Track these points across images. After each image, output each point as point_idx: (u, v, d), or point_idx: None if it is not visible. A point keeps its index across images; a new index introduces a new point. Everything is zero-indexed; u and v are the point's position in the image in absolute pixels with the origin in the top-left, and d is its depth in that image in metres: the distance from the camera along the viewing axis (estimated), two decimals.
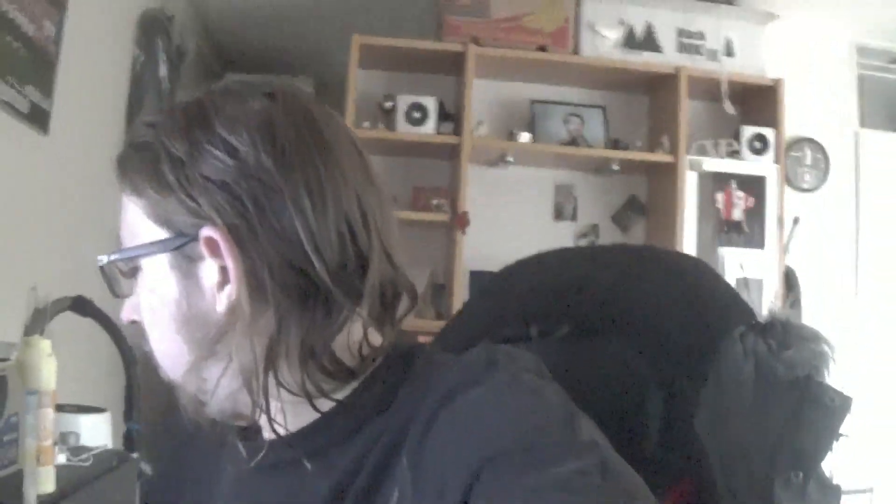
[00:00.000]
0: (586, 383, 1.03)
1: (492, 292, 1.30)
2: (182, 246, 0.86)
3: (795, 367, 1.04)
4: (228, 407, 0.91)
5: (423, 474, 0.80)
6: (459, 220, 4.17)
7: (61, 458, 2.12)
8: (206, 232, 0.84)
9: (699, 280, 1.17)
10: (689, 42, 4.45)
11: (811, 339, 1.07)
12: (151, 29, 4.10)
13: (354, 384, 0.90)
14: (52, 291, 2.71)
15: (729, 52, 4.45)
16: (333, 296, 0.86)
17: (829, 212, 4.68)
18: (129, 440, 2.81)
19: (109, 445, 2.47)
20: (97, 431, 2.46)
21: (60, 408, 2.36)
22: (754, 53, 4.49)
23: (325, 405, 0.88)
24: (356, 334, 0.90)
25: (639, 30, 4.44)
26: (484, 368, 0.85)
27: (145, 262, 0.90)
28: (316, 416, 0.89)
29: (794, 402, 1.02)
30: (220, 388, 0.89)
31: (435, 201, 4.29)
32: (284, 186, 0.84)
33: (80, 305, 2.74)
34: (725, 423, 1.03)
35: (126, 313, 0.95)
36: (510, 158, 4.38)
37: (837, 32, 4.81)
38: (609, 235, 4.61)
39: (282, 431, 0.90)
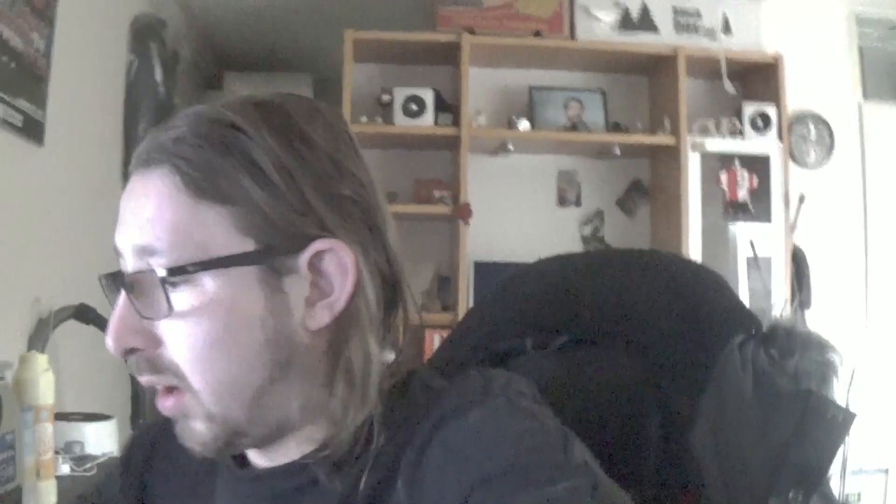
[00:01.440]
0: (584, 396, 1.05)
1: (489, 303, 1.30)
2: (279, 257, 0.83)
3: (799, 377, 1.02)
4: (269, 435, 0.88)
5: (419, 497, 0.80)
6: (461, 212, 4.14)
7: (65, 469, 2.13)
8: (320, 245, 0.83)
9: (700, 288, 1.15)
10: (685, 21, 4.40)
11: (817, 347, 1.05)
12: (144, 34, 4.09)
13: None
14: (54, 302, 2.71)
15: (726, 30, 4.40)
16: (404, 306, 0.92)
17: (836, 187, 4.60)
18: None
19: (115, 453, 2.47)
20: (103, 439, 2.47)
21: (65, 416, 2.36)
22: (752, 29, 4.42)
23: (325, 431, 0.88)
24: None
25: (634, 11, 4.39)
26: (479, 392, 0.85)
27: (217, 277, 0.82)
28: (313, 441, 0.88)
29: (796, 416, 1.00)
30: (278, 412, 0.86)
31: (437, 193, 4.27)
32: (377, 204, 0.88)
33: (83, 314, 2.75)
34: (724, 438, 1.01)
35: (126, 339, 0.83)
36: (510, 147, 4.35)
37: (834, 3, 4.74)
38: (614, 220, 4.58)
39: (288, 459, 0.89)
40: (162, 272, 0.81)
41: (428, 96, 4.21)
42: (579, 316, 1.15)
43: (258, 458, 0.92)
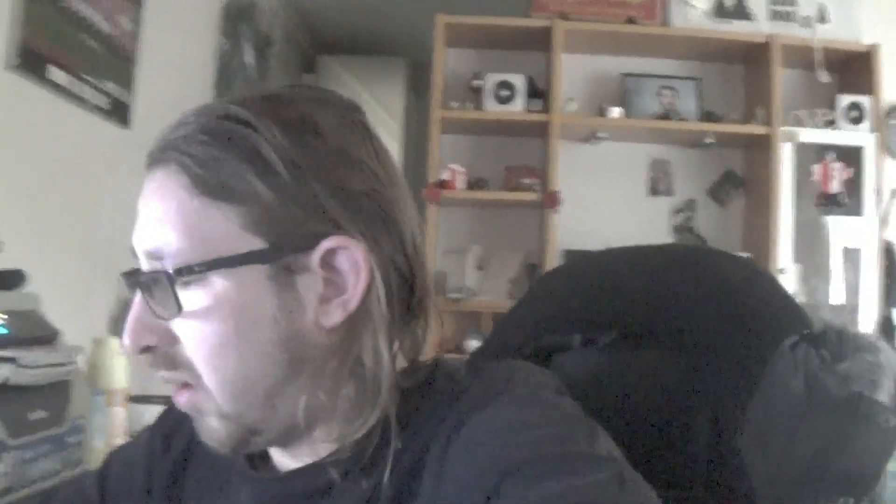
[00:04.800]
0: (631, 393, 1.04)
1: (537, 297, 1.27)
2: (289, 255, 0.81)
3: (850, 380, 0.99)
4: (283, 434, 0.87)
5: (444, 490, 0.78)
6: (550, 200, 4.13)
7: None
8: (331, 242, 0.81)
9: (751, 288, 1.13)
10: (780, 9, 4.34)
11: (869, 349, 1.02)
12: (236, 17, 4.13)
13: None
14: None
15: (823, 18, 4.33)
16: (424, 305, 0.88)
17: None
18: None
19: None
20: None
21: (146, 399, 2.39)
22: (848, 18, 4.35)
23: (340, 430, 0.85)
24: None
25: None
26: (503, 384, 0.84)
27: (226, 276, 0.80)
28: (336, 439, 0.85)
29: (846, 421, 0.97)
30: (289, 412, 0.84)
31: (526, 181, 4.26)
32: (394, 198, 0.85)
33: None
34: (773, 441, 0.99)
35: (141, 337, 0.82)
36: (602, 134, 4.35)
37: None
38: (706, 210, 4.54)
39: (312, 459, 0.88)
40: (169, 272, 0.80)
41: (519, 82, 4.21)
42: (627, 313, 1.13)
43: (283, 458, 0.91)
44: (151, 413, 2.34)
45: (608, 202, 4.48)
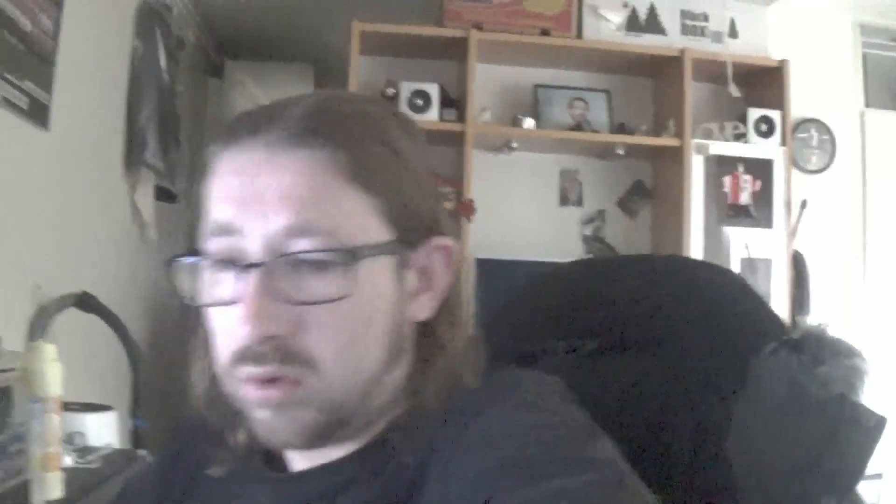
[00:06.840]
0: (613, 401, 1.05)
1: (516, 306, 1.30)
2: (409, 249, 0.86)
3: (830, 384, 1.02)
4: (364, 424, 0.88)
5: (448, 490, 0.79)
6: (465, 208, 4.14)
7: (68, 461, 2.09)
8: (439, 241, 0.88)
9: (728, 295, 1.16)
10: (692, 24, 4.43)
11: (846, 354, 1.05)
12: (150, 20, 4.07)
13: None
14: (55, 289, 2.68)
15: (733, 34, 4.43)
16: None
17: (837, 193, 4.64)
18: (136, 437, 2.77)
19: (115, 444, 2.44)
20: (103, 430, 2.43)
21: (66, 407, 2.32)
22: (758, 34, 4.46)
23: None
24: None
25: (642, 12, 4.41)
26: (510, 390, 0.86)
27: (368, 263, 0.82)
28: (357, 441, 0.88)
29: (829, 422, 0.99)
30: (375, 403, 0.87)
31: (440, 189, 4.23)
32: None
33: (84, 302, 2.71)
34: (759, 445, 1.01)
35: (269, 325, 0.80)
36: (515, 144, 4.36)
37: (840, 11, 4.77)
38: (615, 220, 4.59)
39: (325, 460, 0.89)
40: (328, 255, 0.80)
41: (433, 91, 4.20)
42: (608, 322, 1.15)
43: (297, 460, 0.92)
44: (74, 420, 2.26)
45: (519, 211, 4.50)
